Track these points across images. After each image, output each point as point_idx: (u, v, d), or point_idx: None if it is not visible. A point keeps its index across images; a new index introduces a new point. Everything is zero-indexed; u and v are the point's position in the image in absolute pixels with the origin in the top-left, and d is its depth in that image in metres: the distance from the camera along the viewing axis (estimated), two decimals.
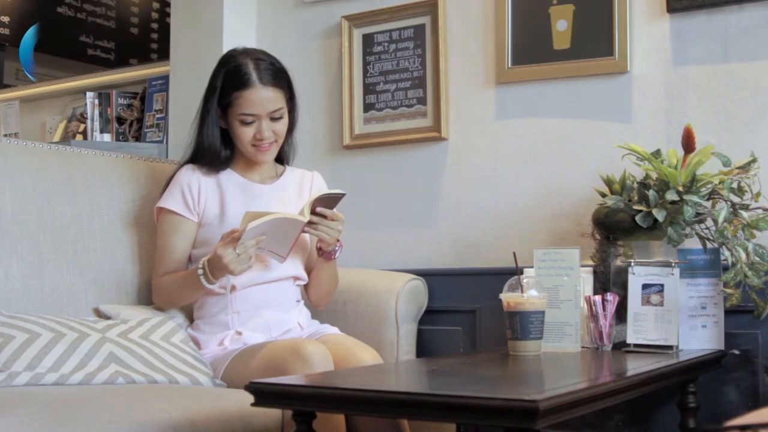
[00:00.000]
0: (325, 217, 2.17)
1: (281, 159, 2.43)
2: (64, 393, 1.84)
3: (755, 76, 2.30)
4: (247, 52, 2.31)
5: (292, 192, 2.40)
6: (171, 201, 2.30)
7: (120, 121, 3.43)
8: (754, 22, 2.30)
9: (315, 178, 2.46)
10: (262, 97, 2.24)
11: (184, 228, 2.30)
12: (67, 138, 3.51)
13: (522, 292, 2.01)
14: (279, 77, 2.29)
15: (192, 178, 2.31)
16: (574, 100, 2.52)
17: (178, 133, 2.88)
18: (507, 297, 2.02)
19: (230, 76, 2.26)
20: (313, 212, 2.16)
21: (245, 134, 2.26)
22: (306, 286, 2.41)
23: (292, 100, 2.34)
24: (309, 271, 2.39)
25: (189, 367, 2.13)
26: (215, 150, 2.31)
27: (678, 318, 2.09)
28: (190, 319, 2.36)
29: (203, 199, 2.30)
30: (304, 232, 2.19)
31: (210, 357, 2.22)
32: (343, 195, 2.18)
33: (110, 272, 2.38)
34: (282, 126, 2.30)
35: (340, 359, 2.07)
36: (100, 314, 2.27)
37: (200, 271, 2.15)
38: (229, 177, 2.35)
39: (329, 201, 2.17)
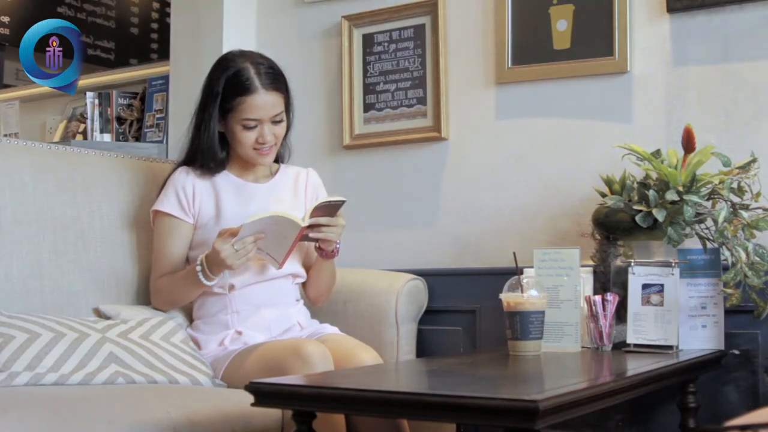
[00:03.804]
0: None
1: (276, 158, 2.43)
2: (64, 393, 1.84)
3: (755, 76, 2.30)
4: (244, 56, 2.30)
5: (287, 190, 2.40)
6: (166, 203, 2.31)
7: (120, 121, 3.44)
8: (754, 22, 2.30)
9: (310, 174, 2.46)
10: (265, 102, 2.24)
11: (179, 230, 2.31)
12: (67, 138, 3.52)
13: (522, 292, 2.01)
14: (279, 81, 2.29)
15: (186, 180, 2.31)
16: (574, 100, 2.52)
17: (178, 133, 2.87)
18: (507, 297, 2.02)
19: (231, 81, 2.25)
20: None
21: (247, 139, 2.26)
22: (304, 284, 2.41)
23: (290, 101, 2.35)
24: (307, 268, 2.39)
25: (189, 367, 2.13)
26: (213, 153, 2.31)
27: (678, 318, 2.09)
28: (190, 319, 2.36)
29: (198, 200, 2.31)
30: (304, 239, 2.19)
31: (210, 357, 2.22)
32: (343, 202, 2.17)
33: (110, 272, 2.38)
34: (282, 129, 2.31)
35: (340, 359, 2.07)
36: (100, 314, 2.27)
37: (198, 268, 2.16)
38: (223, 178, 2.35)
39: (330, 208, 2.17)
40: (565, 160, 2.52)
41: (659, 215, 2.09)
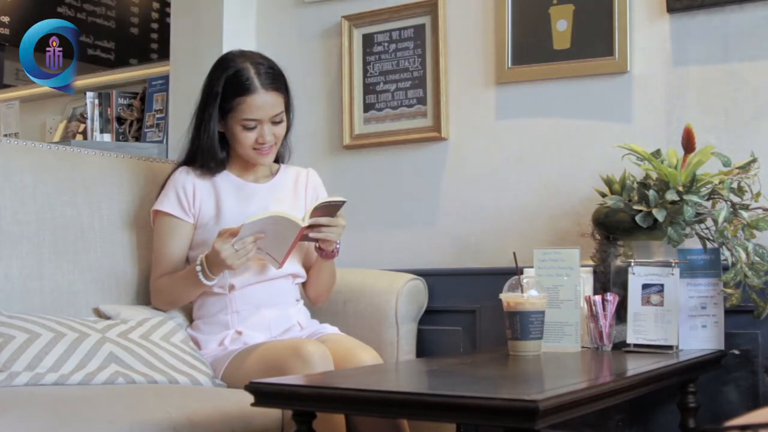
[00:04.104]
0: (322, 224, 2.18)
1: (276, 159, 2.43)
2: (64, 393, 1.84)
3: (755, 76, 2.30)
4: (244, 56, 2.30)
5: (287, 190, 2.40)
6: (166, 203, 2.31)
7: (120, 121, 3.44)
8: (754, 22, 2.30)
9: (310, 175, 2.46)
10: (264, 103, 2.24)
11: (179, 230, 2.31)
12: (67, 138, 3.52)
13: (522, 292, 2.01)
14: (278, 81, 2.29)
15: (186, 180, 2.31)
16: (574, 100, 2.52)
17: (178, 133, 2.87)
18: (507, 297, 2.02)
19: (231, 81, 2.25)
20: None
21: (247, 139, 2.26)
22: (304, 284, 2.41)
23: (290, 101, 2.35)
24: (307, 268, 2.39)
25: (189, 367, 2.13)
26: (213, 154, 2.31)
27: (678, 318, 2.09)
28: (190, 319, 2.36)
29: (198, 200, 2.31)
30: (304, 239, 2.19)
31: (210, 357, 2.22)
32: (343, 202, 2.18)
33: (110, 272, 2.38)
34: (282, 129, 2.31)
35: (340, 359, 2.07)
36: (100, 314, 2.27)
37: (198, 268, 2.16)
38: (224, 178, 2.35)
39: (330, 208, 2.17)
40: (565, 160, 2.52)
41: (659, 215, 2.09)
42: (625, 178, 2.25)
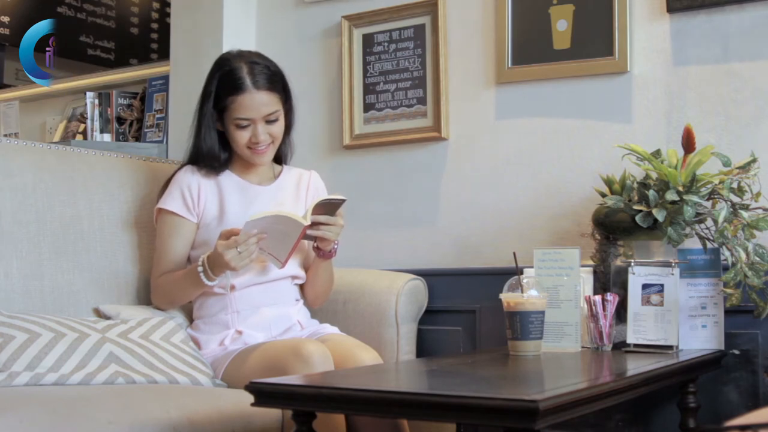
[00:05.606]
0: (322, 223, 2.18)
1: (278, 159, 2.44)
2: (64, 393, 1.84)
3: (755, 76, 2.30)
4: (241, 56, 2.31)
5: (289, 192, 2.40)
6: (171, 202, 2.31)
7: (120, 121, 3.43)
8: (754, 22, 2.30)
9: (312, 177, 2.46)
10: (256, 102, 2.24)
11: (183, 229, 2.31)
12: (67, 138, 3.51)
13: (522, 292, 2.01)
14: (274, 80, 2.29)
15: (192, 179, 2.31)
16: (574, 100, 2.52)
17: (178, 133, 2.88)
18: (507, 297, 2.02)
19: (224, 80, 2.26)
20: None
21: (241, 138, 2.27)
22: (302, 286, 2.41)
23: (288, 101, 2.35)
24: (307, 270, 2.39)
25: (189, 367, 2.13)
26: (214, 153, 2.31)
27: (678, 318, 2.09)
28: (190, 319, 2.36)
29: (203, 200, 2.31)
30: (305, 237, 2.20)
31: (210, 357, 2.23)
32: (343, 201, 2.18)
33: (110, 272, 2.38)
34: (278, 128, 2.31)
35: (340, 359, 2.07)
36: (100, 314, 2.28)
37: (200, 269, 2.16)
38: (227, 178, 2.35)
39: (330, 206, 2.18)
40: (565, 160, 2.52)
41: (659, 215, 2.09)
42: (625, 178, 2.25)
